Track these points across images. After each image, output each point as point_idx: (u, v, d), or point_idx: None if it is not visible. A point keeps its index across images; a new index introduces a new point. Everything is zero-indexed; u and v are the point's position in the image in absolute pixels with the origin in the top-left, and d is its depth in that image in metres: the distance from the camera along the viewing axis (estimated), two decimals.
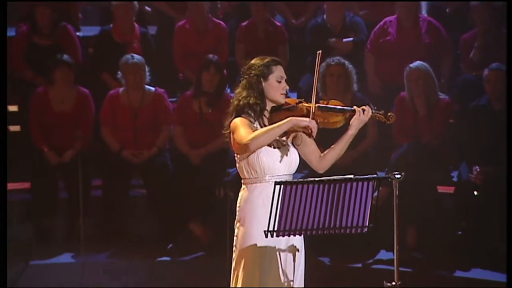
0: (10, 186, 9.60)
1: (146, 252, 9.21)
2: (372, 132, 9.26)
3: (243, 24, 10.26)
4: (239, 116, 5.99)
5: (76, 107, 9.69)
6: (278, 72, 6.00)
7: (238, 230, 6.13)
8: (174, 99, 9.66)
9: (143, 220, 9.49)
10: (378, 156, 9.04)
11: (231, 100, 6.03)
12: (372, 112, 5.96)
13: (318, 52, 6.00)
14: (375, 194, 8.71)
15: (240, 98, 6.00)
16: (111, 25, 10.34)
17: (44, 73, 9.93)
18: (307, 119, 5.91)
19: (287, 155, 6.04)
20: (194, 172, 8.50)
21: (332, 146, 6.06)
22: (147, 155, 9.41)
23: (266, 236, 5.85)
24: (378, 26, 9.94)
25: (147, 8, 10.91)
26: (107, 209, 9.54)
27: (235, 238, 6.14)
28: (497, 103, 8.86)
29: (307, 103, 6.02)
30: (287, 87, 6.02)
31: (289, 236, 5.88)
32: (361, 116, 5.98)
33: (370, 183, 5.75)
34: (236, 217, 6.12)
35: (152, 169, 9.38)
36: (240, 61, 9.92)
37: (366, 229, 5.79)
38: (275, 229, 5.73)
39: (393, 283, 5.76)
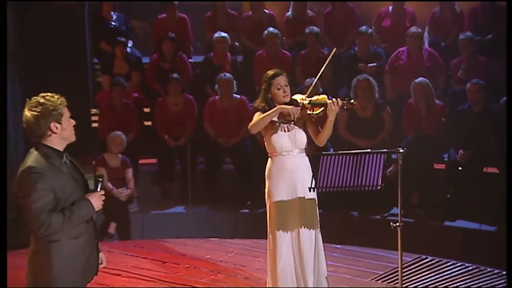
0: (143, 161, 9.98)
1: (232, 207, 9.27)
2: (387, 126, 9.22)
3: (301, 53, 10.24)
4: (257, 112, 6.13)
5: (184, 108, 9.89)
6: (277, 82, 6.10)
7: (266, 185, 6.20)
8: (252, 104, 9.53)
9: (231, 185, 9.35)
10: (392, 143, 8.98)
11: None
12: (342, 103, 5.99)
13: (334, 49, 6.32)
14: (390, 169, 8.75)
15: (258, 102, 6.18)
16: (212, 54, 10.46)
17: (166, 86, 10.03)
18: (289, 107, 5.99)
19: (293, 136, 6.07)
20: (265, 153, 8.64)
21: (322, 130, 6.07)
22: (234, 141, 9.51)
23: (310, 191, 5.90)
24: (393, 54, 9.95)
25: (236, 43, 10.84)
26: (207, 178, 9.66)
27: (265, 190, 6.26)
28: (476, 107, 8.89)
29: (307, 98, 6.07)
30: (287, 92, 6.08)
31: (325, 191, 5.78)
32: (333, 106, 5.97)
33: (382, 155, 5.81)
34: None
35: (237, 151, 9.48)
36: (299, 78, 9.92)
37: (379, 187, 5.78)
38: (314, 186, 5.74)
39: (397, 223, 5.84)
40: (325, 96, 6.08)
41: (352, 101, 6.01)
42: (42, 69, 9.79)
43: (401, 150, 5.79)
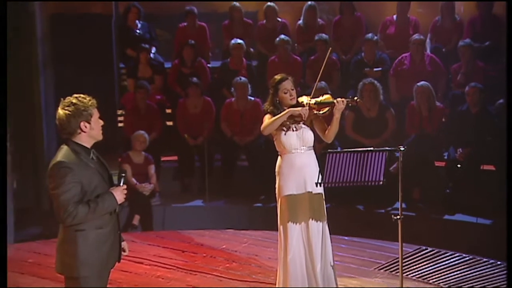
0: (165, 158, 9.96)
1: (247, 200, 9.31)
2: (391, 126, 9.20)
3: (311, 58, 10.25)
4: (267, 114, 6.13)
5: (203, 110, 9.89)
6: (283, 86, 6.08)
7: (276, 181, 6.18)
8: None
9: (246, 181, 9.31)
10: (395, 142, 8.93)
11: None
12: (347, 100, 5.95)
13: (330, 48, 6.38)
14: (394, 166, 8.70)
15: (266, 105, 6.18)
16: (228, 59, 10.49)
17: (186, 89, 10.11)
18: (299, 108, 5.97)
19: (301, 135, 6.05)
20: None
21: (329, 127, 6.03)
22: (249, 140, 9.55)
23: (316, 186, 5.87)
24: (397, 59, 9.94)
25: (251, 49, 10.86)
26: (223, 174, 9.68)
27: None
28: (474, 108, 8.88)
29: (312, 99, 6.04)
30: (293, 95, 6.06)
31: (331, 186, 5.78)
32: (339, 105, 5.92)
33: (384, 153, 5.80)
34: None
35: (251, 149, 9.53)
36: (309, 81, 9.89)
37: (381, 183, 5.75)
38: (320, 181, 5.77)
39: (398, 216, 5.85)
40: (329, 96, 6.06)
41: (355, 98, 5.99)
42: (73, 74, 9.79)
43: (402, 148, 5.79)
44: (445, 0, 10.20)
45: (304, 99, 6.07)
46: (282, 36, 10.22)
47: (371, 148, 5.77)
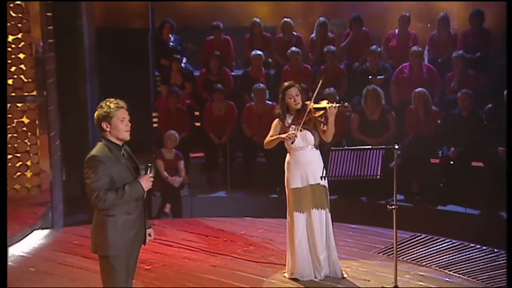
0: (193, 154, 10.00)
1: (263, 192, 9.31)
2: (392, 128, 9.20)
3: (322, 67, 10.20)
4: (276, 118, 6.22)
5: (227, 113, 9.93)
6: (289, 93, 6.14)
7: (285, 175, 6.27)
8: None
9: (263, 175, 9.34)
10: (395, 141, 8.85)
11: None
12: (338, 106, 5.97)
13: (320, 80, 6.28)
14: (394, 162, 8.60)
15: (277, 109, 6.27)
16: (249, 68, 10.52)
17: (212, 94, 10.10)
18: (284, 134, 6.08)
19: (304, 136, 6.13)
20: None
21: (324, 129, 6.03)
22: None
23: (321, 179, 5.99)
24: (398, 68, 9.91)
25: (269, 59, 10.88)
26: (243, 169, 9.65)
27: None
28: (465, 112, 8.83)
29: (314, 103, 6.10)
30: (297, 101, 6.08)
31: (334, 179, 5.85)
32: (332, 110, 5.96)
33: (381, 150, 5.88)
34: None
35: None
36: (320, 87, 9.82)
37: (378, 177, 5.81)
38: (325, 175, 5.89)
39: (393, 206, 5.89)
40: (325, 101, 6.10)
41: (345, 104, 6.00)
42: (115, 80, 9.85)
43: (396, 147, 5.80)
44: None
45: (307, 103, 6.13)
46: (293, 48, 10.22)
47: (370, 146, 5.85)
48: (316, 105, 6.08)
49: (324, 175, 5.77)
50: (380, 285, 6.14)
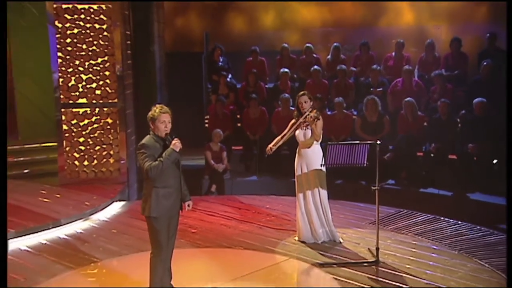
0: (235, 148, 9.96)
1: (286, 176, 8.69)
2: (387, 128, 9.18)
3: (335, 81, 10.24)
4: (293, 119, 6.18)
5: (260, 116, 9.92)
6: (300, 100, 6.10)
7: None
8: None
9: (286, 164, 9.10)
10: (389, 139, 9.06)
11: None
12: (307, 115, 5.93)
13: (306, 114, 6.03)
14: (388, 155, 8.43)
15: (295, 111, 6.21)
16: (279, 82, 10.50)
17: (249, 102, 10.14)
18: (275, 141, 6.10)
19: (304, 133, 6.12)
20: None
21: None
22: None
23: (321, 167, 5.89)
24: (393, 83, 9.86)
25: (295, 75, 10.87)
26: (271, 159, 8.98)
27: None
28: (444, 117, 8.82)
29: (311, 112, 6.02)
30: (304, 107, 6.02)
31: (331, 167, 5.72)
32: (307, 118, 6.00)
33: (366, 145, 5.75)
34: None
35: (290, 142, 9.35)
36: (333, 98, 9.86)
37: (365, 165, 5.68)
38: (323, 163, 5.80)
39: (376, 187, 5.72)
40: (314, 111, 6.06)
41: (308, 114, 5.97)
42: (179, 91, 10.21)
43: (378, 142, 5.70)
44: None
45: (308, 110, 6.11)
46: (315, 67, 10.29)
47: (357, 142, 5.75)
48: (309, 113, 6.13)
49: (323, 163, 5.87)
50: (367, 247, 6.20)
